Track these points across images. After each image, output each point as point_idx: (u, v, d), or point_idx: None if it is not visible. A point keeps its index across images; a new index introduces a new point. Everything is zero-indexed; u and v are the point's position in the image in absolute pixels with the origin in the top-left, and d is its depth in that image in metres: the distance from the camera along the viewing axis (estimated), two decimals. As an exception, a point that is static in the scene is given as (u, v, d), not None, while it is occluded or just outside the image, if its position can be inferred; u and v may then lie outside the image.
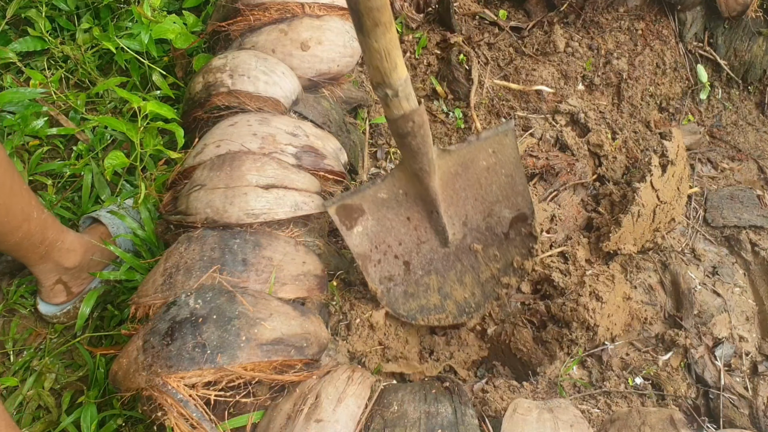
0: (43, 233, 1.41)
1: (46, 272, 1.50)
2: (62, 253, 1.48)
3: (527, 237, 1.42)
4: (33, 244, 1.40)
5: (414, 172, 1.28)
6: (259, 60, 1.49)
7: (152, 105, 1.47)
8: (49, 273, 1.51)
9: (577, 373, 1.42)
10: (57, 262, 1.48)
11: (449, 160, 1.32)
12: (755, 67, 1.90)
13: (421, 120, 1.18)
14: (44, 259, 1.46)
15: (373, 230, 1.36)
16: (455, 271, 1.44)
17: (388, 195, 1.34)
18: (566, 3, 1.91)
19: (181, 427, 1.04)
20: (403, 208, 1.35)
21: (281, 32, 1.57)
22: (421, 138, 1.20)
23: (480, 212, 1.40)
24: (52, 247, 1.45)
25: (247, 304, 1.14)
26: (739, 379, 1.41)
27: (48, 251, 1.45)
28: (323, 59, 1.57)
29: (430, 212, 1.36)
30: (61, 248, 1.47)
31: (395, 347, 1.47)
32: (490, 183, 1.36)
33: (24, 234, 1.36)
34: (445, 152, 1.31)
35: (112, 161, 1.50)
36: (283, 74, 1.51)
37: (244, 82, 1.47)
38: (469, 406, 1.12)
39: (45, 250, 1.44)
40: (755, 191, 1.71)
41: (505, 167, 1.34)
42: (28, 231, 1.37)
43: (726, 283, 1.57)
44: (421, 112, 1.18)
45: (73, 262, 1.51)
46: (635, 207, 1.54)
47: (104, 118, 1.52)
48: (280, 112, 1.49)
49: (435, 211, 1.35)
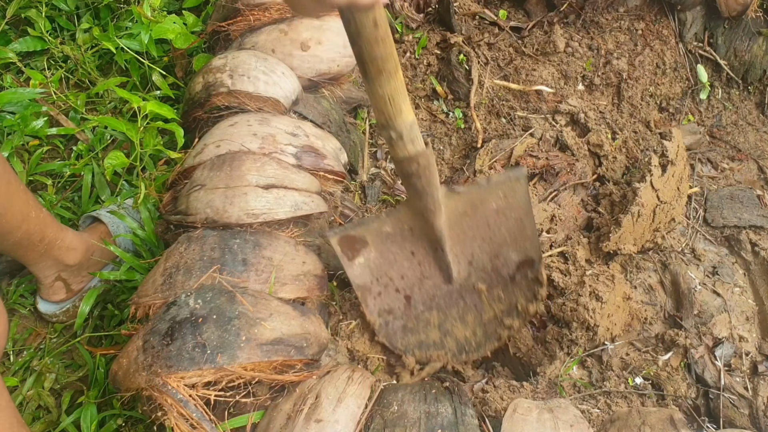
0: (43, 232, 1.41)
1: (45, 269, 1.50)
2: (62, 251, 1.48)
3: (533, 281, 1.41)
4: (32, 243, 1.40)
5: (419, 210, 1.27)
6: (259, 60, 1.49)
7: (152, 105, 1.47)
8: (48, 270, 1.51)
9: (577, 373, 1.42)
10: (57, 259, 1.49)
11: (458, 200, 1.31)
12: (755, 67, 1.90)
13: (427, 162, 1.17)
14: (44, 257, 1.46)
15: (376, 263, 1.36)
16: (458, 309, 1.43)
17: (393, 229, 1.33)
18: (566, 3, 1.91)
19: (181, 427, 1.04)
20: (408, 243, 1.35)
21: (281, 32, 1.57)
22: (426, 179, 1.20)
23: (487, 253, 1.39)
24: (51, 246, 1.45)
25: (247, 304, 1.14)
26: (739, 379, 1.41)
27: (47, 249, 1.45)
28: (323, 59, 1.57)
29: (435, 249, 1.35)
30: (61, 246, 1.47)
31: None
32: (498, 225, 1.35)
33: (23, 234, 1.37)
34: (454, 193, 1.30)
35: (112, 161, 1.50)
36: (283, 74, 1.51)
37: (244, 82, 1.47)
38: (469, 406, 1.12)
39: (44, 248, 1.44)
40: (755, 191, 1.71)
41: (515, 211, 1.33)
42: (27, 230, 1.37)
43: (726, 283, 1.57)
44: (427, 154, 1.17)
45: (73, 260, 1.52)
46: (635, 207, 1.54)
47: (104, 118, 1.52)
48: (280, 112, 1.49)
49: (440, 248, 1.34)
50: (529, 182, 1.71)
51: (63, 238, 1.47)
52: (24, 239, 1.38)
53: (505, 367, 1.51)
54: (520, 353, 1.48)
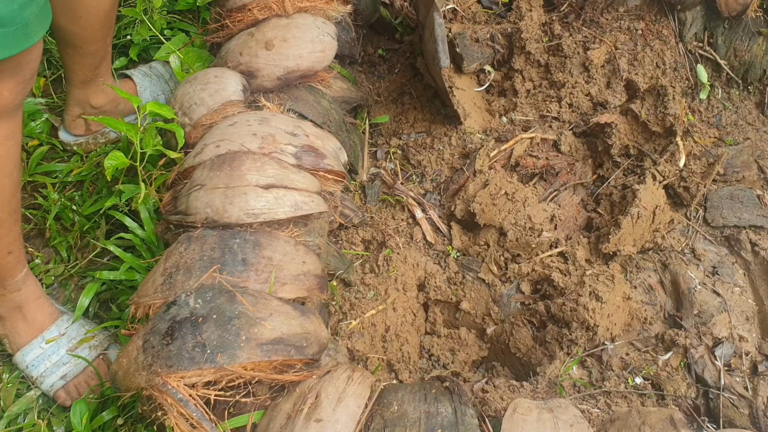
0: (101, 60, 1.63)
1: (75, 102, 1.71)
2: (96, 90, 1.69)
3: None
4: (92, 64, 1.62)
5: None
6: (193, 83, 1.54)
7: (152, 105, 1.47)
8: (77, 105, 1.71)
9: (577, 373, 1.42)
10: (87, 97, 1.69)
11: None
12: (755, 67, 1.90)
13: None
14: (84, 86, 1.67)
15: None
16: None
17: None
18: (566, 3, 1.91)
19: (181, 426, 1.04)
20: None
21: (249, 35, 1.59)
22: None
23: None
24: (95, 78, 1.66)
25: (247, 304, 1.14)
26: (739, 379, 1.41)
27: (92, 80, 1.66)
28: (289, 56, 1.56)
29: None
30: (99, 85, 1.68)
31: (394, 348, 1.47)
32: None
33: (95, 49, 1.58)
34: None
35: (112, 161, 1.50)
36: (216, 77, 1.53)
37: (197, 110, 1.50)
38: (469, 406, 1.12)
39: (91, 76, 1.65)
40: (755, 191, 1.71)
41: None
42: (98, 49, 1.59)
43: (726, 283, 1.57)
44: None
45: (98, 103, 1.71)
46: (635, 209, 1.54)
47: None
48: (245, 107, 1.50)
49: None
50: (529, 182, 1.72)
51: (106, 79, 1.69)
52: (93, 54, 1.59)
53: (505, 367, 1.51)
54: (520, 353, 1.48)
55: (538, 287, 1.57)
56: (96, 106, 1.71)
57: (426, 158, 1.75)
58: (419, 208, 1.67)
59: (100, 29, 1.54)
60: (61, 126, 1.80)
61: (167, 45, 1.83)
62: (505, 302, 1.55)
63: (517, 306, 1.55)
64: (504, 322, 1.53)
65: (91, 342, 1.49)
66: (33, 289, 1.45)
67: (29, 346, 1.46)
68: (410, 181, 1.74)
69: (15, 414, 1.46)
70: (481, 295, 1.57)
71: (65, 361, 1.45)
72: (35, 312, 1.46)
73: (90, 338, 1.49)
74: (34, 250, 1.69)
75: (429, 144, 1.77)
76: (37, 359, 1.45)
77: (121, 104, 1.75)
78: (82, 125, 1.76)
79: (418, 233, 1.64)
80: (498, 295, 1.56)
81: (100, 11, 1.50)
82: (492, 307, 1.55)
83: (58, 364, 1.45)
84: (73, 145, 1.80)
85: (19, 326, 1.45)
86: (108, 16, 1.53)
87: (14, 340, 1.46)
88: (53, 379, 1.45)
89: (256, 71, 1.56)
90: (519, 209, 1.57)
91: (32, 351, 1.45)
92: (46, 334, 1.46)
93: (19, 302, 1.43)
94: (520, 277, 1.57)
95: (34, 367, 1.45)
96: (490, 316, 1.54)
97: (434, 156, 1.75)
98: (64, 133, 1.80)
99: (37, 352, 1.45)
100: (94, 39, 1.55)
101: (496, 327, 1.54)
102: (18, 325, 1.45)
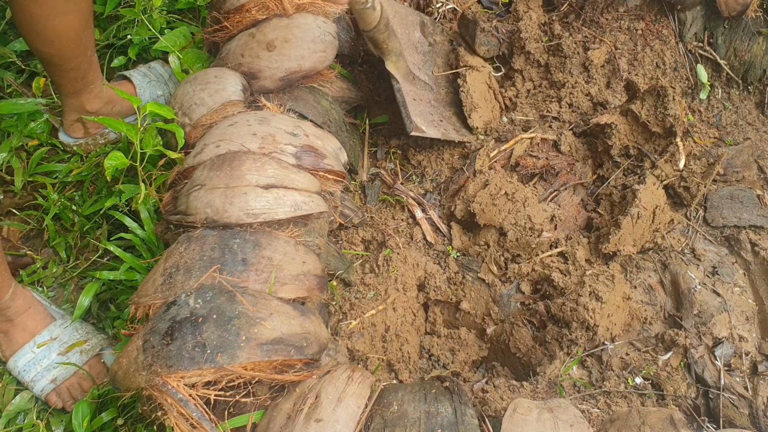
0: (87, 71, 1.62)
1: (71, 109, 1.72)
2: (90, 97, 1.69)
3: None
4: (77, 77, 1.61)
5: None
6: (194, 84, 1.54)
7: (152, 105, 1.47)
8: (73, 111, 1.72)
9: (576, 373, 1.42)
10: (82, 103, 1.69)
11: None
12: (755, 67, 1.90)
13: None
14: (76, 95, 1.67)
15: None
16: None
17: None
18: (566, 3, 1.91)
19: (181, 426, 1.04)
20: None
21: (250, 36, 1.59)
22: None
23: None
24: (86, 87, 1.66)
25: (247, 304, 1.14)
26: (739, 379, 1.41)
27: (82, 89, 1.65)
28: (291, 57, 1.56)
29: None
30: (92, 91, 1.68)
31: (394, 348, 1.47)
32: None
33: (76, 65, 1.56)
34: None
35: (112, 161, 1.50)
36: (216, 77, 1.53)
37: (197, 110, 1.50)
38: (469, 405, 1.12)
39: (81, 86, 1.64)
40: (755, 191, 1.71)
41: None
42: (79, 64, 1.57)
43: (726, 283, 1.57)
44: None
45: (94, 108, 1.72)
46: (635, 209, 1.54)
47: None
48: (245, 107, 1.51)
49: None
50: (529, 182, 1.72)
51: (96, 85, 1.68)
52: (74, 70, 1.57)
53: (505, 367, 1.51)
54: (520, 353, 1.48)
55: (538, 287, 1.57)
56: (92, 111, 1.72)
57: (426, 158, 1.75)
58: (419, 208, 1.67)
59: (75, 47, 1.51)
60: (61, 128, 1.81)
61: (169, 36, 1.83)
62: (505, 302, 1.55)
63: (517, 306, 1.55)
64: (504, 322, 1.53)
65: (83, 346, 1.49)
66: (22, 303, 1.47)
67: (21, 351, 1.47)
68: (410, 181, 1.74)
69: (14, 413, 1.46)
70: (481, 295, 1.57)
71: (55, 364, 1.46)
72: (26, 320, 1.48)
73: (82, 342, 1.49)
74: (32, 253, 1.69)
75: (429, 144, 1.77)
76: (29, 364, 1.46)
77: (117, 106, 1.76)
78: (80, 128, 1.78)
79: (418, 233, 1.64)
80: (498, 295, 1.56)
81: (71, 32, 1.46)
82: (492, 307, 1.55)
83: (48, 367, 1.45)
84: (73, 146, 1.82)
85: (11, 333, 1.47)
86: (80, 35, 1.50)
87: (7, 345, 1.48)
88: (43, 383, 1.46)
89: (258, 72, 1.56)
90: (519, 209, 1.57)
91: (24, 356, 1.47)
92: (38, 339, 1.48)
93: (9, 316, 1.46)
94: (520, 277, 1.57)
95: (26, 371, 1.46)
96: (490, 316, 1.54)
97: (434, 156, 1.75)
98: (64, 135, 1.81)
99: (28, 356, 1.46)
100: (73, 56, 1.53)
101: (496, 327, 1.54)
102: (10, 332, 1.47)
